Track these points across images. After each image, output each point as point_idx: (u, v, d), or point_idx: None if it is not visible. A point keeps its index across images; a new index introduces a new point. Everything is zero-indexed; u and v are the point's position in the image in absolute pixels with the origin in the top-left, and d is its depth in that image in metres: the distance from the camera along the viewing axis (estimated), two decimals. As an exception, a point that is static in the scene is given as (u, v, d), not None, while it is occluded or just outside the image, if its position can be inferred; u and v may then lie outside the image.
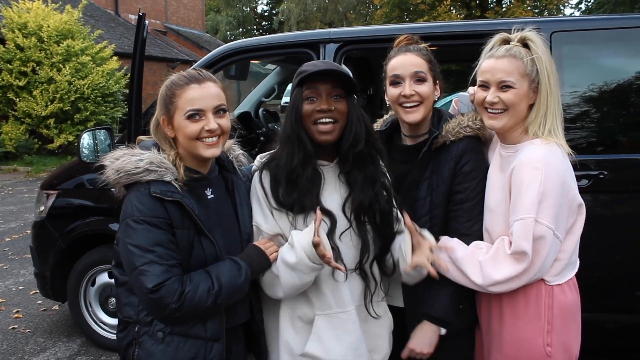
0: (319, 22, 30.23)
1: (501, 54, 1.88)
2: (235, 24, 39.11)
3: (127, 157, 1.72)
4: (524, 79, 1.85)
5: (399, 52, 2.04)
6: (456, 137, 1.98)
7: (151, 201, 1.66)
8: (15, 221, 7.85)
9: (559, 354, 1.86)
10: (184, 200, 1.69)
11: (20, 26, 12.75)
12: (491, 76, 1.88)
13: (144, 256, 1.64)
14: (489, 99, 1.87)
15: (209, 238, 1.74)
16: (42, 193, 3.98)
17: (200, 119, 1.73)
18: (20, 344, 4.11)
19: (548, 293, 1.86)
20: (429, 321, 1.96)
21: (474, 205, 1.96)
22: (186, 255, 1.72)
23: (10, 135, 12.82)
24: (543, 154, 1.80)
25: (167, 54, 20.58)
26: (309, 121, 1.81)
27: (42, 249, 3.98)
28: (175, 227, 1.69)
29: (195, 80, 1.75)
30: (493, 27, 3.26)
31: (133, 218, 1.66)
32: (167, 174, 1.70)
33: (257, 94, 5.82)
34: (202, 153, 1.75)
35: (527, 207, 1.76)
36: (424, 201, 1.99)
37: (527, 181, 1.77)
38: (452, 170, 1.96)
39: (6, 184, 10.91)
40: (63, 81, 12.65)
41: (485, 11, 22.78)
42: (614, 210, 2.93)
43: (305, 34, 3.58)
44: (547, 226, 1.76)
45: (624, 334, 3.03)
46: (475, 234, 1.96)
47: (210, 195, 1.84)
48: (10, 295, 5.05)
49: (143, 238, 1.65)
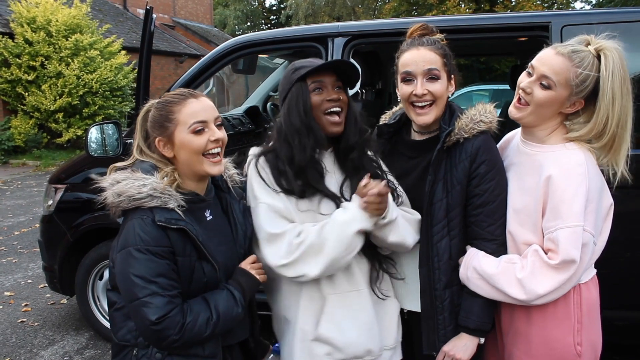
0: (327, 16, 30.14)
1: (564, 51, 1.75)
2: (243, 18, 39.08)
3: (130, 181, 1.67)
4: (565, 88, 1.75)
5: (411, 45, 1.95)
6: (470, 134, 1.90)
7: (155, 230, 1.62)
8: (25, 215, 7.90)
9: (588, 352, 1.83)
10: (189, 227, 1.66)
11: (29, 20, 12.79)
12: (540, 66, 1.78)
13: (146, 287, 1.60)
14: (523, 85, 1.81)
15: (211, 263, 1.72)
16: (51, 187, 3.99)
17: (204, 131, 1.71)
18: (29, 337, 4.14)
19: (576, 291, 1.82)
20: (468, 334, 1.93)
21: (496, 207, 1.89)
22: (186, 281, 1.69)
23: (20, 130, 12.89)
24: (584, 160, 1.75)
25: (175, 48, 20.59)
26: (319, 111, 1.86)
27: (51, 243, 4.00)
28: (177, 255, 1.66)
29: (190, 96, 1.75)
30: (502, 21, 3.26)
31: (136, 247, 1.61)
32: (171, 201, 1.67)
33: (265, 88, 5.81)
34: (208, 170, 1.73)
35: (576, 215, 1.70)
36: (441, 203, 1.92)
37: (573, 188, 1.71)
38: (467, 170, 1.89)
39: (15, 178, 10.97)
40: (71, 75, 12.70)
41: (494, 5, 22.63)
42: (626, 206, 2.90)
43: (313, 28, 3.55)
44: (591, 233, 1.72)
45: (634, 331, 3.01)
46: (499, 239, 1.90)
47: (209, 217, 1.82)
48: (19, 289, 5.08)
49: (146, 268, 1.61)
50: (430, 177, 1.92)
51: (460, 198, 1.91)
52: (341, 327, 1.86)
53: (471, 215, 1.92)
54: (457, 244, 1.93)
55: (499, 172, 1.92)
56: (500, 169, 1.93)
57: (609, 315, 2.11)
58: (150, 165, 1.75)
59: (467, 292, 1.92)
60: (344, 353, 1.87)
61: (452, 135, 1.91)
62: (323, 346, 1.87)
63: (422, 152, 2.02)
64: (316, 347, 1.88)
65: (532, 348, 1.87)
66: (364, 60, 4.76)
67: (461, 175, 1.90)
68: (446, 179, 1.92)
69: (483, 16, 3.37)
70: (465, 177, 1.90)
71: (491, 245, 1.89)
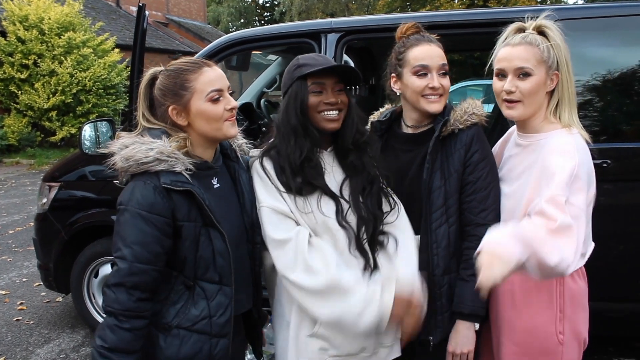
0: (321, 13, 30.07)
1: (517, 42, 1.86)
2: (237, 15, 38.95)
3: (138, 145, 1.65)
4: (541, 66, 1.83)
5: (420, 41, 2.02)
6: (464, 125, 1.98)
7: (153, 196, 1.61)
8: (19, 214, 7.87)
9: (571, 341, 1.86)
10: (195, 189, 1.65)
11: (21, 19, 12.74)
12: (508, 64, 1.86)
13: (120, 249, 1.61)
14: (506, 87, 1.86)
15: (219, 229, 1.70)
16: (45, 185, 3.98)
17: (220, 100, 1.72)
18: (24, 336, 4.14)
19: (559, 281, 1.84)
20: (462, 319, 1.95)
21: (487, 194, 1.96)
22: (192, 248, 1.69)
23: (13, 128, 12.83)
24: (573, 142, 1.78)
25: (169, 45, 20.52)
26: (314, 112, 1.87)
27: (45, 241, 3.99)
28: (180, 220, 1.65)
29: (205, 64, 1.74)
30: (496, 15, 3.26)
31: (129, 208, 1.61)
32: (178, 164, 1.65)
33: (259, 84, 5.79)
34: (228, 132, 1.75)
35: (558, 186, 1.68)
36: (439, 191, 1.97)
37: (560, 164, 1.73)
38: (462, 159, 1.97)
39: (9, 177, 10.93)
40: (65, 74, 12.65)
41: (488, 0, 22.64)
42: (618, 199, 2.92)
43: (307, 24, 3.55)
44: (580, 208, 1.72)
45: (626, 323, 3.03)
46: (492, 224, 1.92)
47: (217, 185, 1.81)
48: (14, 288, 5.07)
49: (129, 231, 1.61)
50: (427, 165, 1.97)
51: (457, 186, 1.97)
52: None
53: (464, 202, 1.98)
54: (454, 231, 1.98)
55: (490, 161, 2.00)
56: (491, 159, 2.02)
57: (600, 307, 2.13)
58: (160, 132, 1.73)
59: (459, 278, 1.96)
60: (338, 350, 1.88)
61: (448, 126, 1.99)
62: (317, 341, 1.88)
63: (417, 145, 2.07)
64: (310, 342, 1.89)
65: (516, 335, 1.90)
66: (358, 56, 4.77)
67: (457, 164, 1.97)
68: (443, 167, 1.98)
69: (477, 11, 3.38)
70: (461, 165, 1.97)
71: (483, 230, 1.89)
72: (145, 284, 1.63)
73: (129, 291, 1.61)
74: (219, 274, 1.73)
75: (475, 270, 1.64)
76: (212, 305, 1.72)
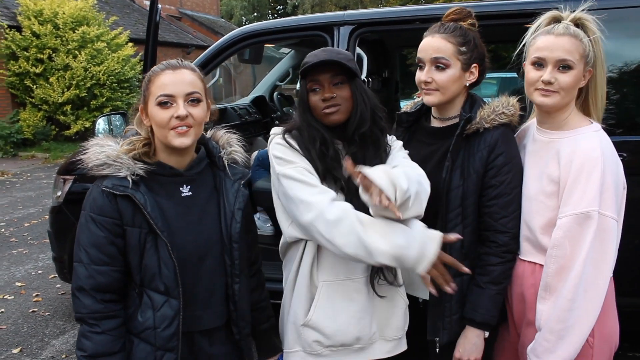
0: (334, 6, 29.94)
1: (561, 32, 1.77)
2: (250, 8, 38.93)
3: (95, 148, 1.67)
4: (582, 60, 1.77)
5: (429, 32, 1.97)
6: (490, 124, 1.90)
7: (101, 199, 1.62)
8: (34, 207, 7.95)
9: (601, 344, 1.81)
10: (135, 195, 1.61)
11: (36, 13, 12.82)
12: (549, 53, 1.77)
13: (77, 253, 1.64)
14: (545, 78, 1.77)
15: (163, 239, 1.63)
16: (59, 178, 4.01)
17: (171, 106, 1.63)
18: (40, 327, 4.19)
19: None
20: (473, 327, 1.92)
21: (510, 200, 1.88)
22: (137, 253, 1.65)
23: (28, 122, 12.94)
24: (599, 144, 1.74)
25: (182, 39, 20.58)
26: (317, 110, 1.85)
27: (60, 234, 4.03)
28: (124, 225, 1.63)
29: (170, 67, 1.68)
30: (511, 7, 3.21)
31: (85, 212, 1.65)
32: (122, 169, 1.63)
33: (272, 77, 5.80)
34: (172, 141, 1.64)
35: (589, 199, 1.68)
36: (457, 190, 1.91)
37: (586, 173, 1.69)
38: (484, 160, 1.89)
39: (25, 171, 11.04)
40: (79, 68, 12.72)
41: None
42: (635, 193, 2.87)
43: (319, 17, 3.53)
44: (613, 218, 1.69)
45: None
46: (512, 232, 1.89)
47: (187, 193, 1.73)
48: (30, 279, 5.13)
49: (84, 235, 1.63)
50: (447, 164, 1.92)
51: (475, 187, 1.90)
52: (330, 315, 1.85)
53: (485, 207, 1.91)
54: (469, 233, 1.92)
55: (515, 165, 1.91)
56: (517, 164, 1.92)
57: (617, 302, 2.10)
58: (132, 133, 1.74)
59: (475, 285, 1.91)
60: (331, 340, 1.86)
61: (473, 124, 1.91)
62: (312, 332, 1.87)
63: (440, 139, 2.02)
64: (306, 333, 1.87)
65: None
66: (371, 48, 4.74)
67: (478, 164, 1.90)
68: (463, 166, 1.92)
69: (491, 3, 3.32)
70: (482, 166, 1.89)
71: (503, 237, 1.88)
72: (107, 285, 1.64)
73: (91, 293, 1.62)
74: (165, 284, 1.66)
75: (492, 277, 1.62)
76: (157, 316, 1.66)
